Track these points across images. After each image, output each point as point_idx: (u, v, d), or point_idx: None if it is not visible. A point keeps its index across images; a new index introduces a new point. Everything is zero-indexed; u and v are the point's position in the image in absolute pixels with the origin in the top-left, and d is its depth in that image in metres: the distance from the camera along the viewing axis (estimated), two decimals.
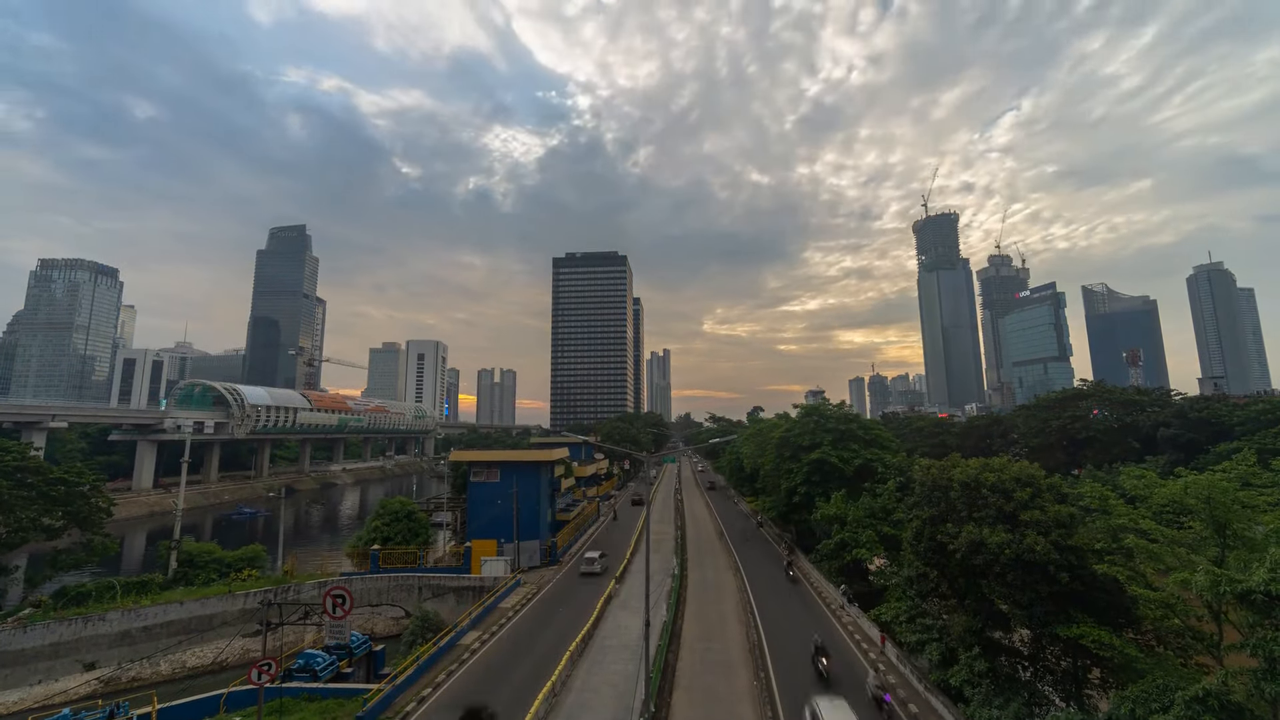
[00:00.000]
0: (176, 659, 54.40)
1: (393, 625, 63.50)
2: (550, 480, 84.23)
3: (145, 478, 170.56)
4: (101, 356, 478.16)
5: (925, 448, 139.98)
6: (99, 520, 71.00)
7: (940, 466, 41.56)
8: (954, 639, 37.18)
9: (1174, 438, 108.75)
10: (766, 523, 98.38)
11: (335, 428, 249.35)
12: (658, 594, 53.34)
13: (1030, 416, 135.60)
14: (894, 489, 61.45)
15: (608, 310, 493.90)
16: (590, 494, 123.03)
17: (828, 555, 60.81)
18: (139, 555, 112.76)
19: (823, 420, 79.68)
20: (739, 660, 43.74)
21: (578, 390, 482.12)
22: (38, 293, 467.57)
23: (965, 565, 35.15)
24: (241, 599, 59.29)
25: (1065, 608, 32.08)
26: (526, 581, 66.20)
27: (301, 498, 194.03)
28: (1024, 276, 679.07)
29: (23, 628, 50.58)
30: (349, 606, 39.97)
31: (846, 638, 48.41)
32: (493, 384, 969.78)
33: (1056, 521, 33.13)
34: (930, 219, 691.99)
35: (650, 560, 41.91)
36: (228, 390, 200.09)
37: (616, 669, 41.65)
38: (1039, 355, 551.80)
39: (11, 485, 66.09)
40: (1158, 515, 33.88)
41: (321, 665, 42.57)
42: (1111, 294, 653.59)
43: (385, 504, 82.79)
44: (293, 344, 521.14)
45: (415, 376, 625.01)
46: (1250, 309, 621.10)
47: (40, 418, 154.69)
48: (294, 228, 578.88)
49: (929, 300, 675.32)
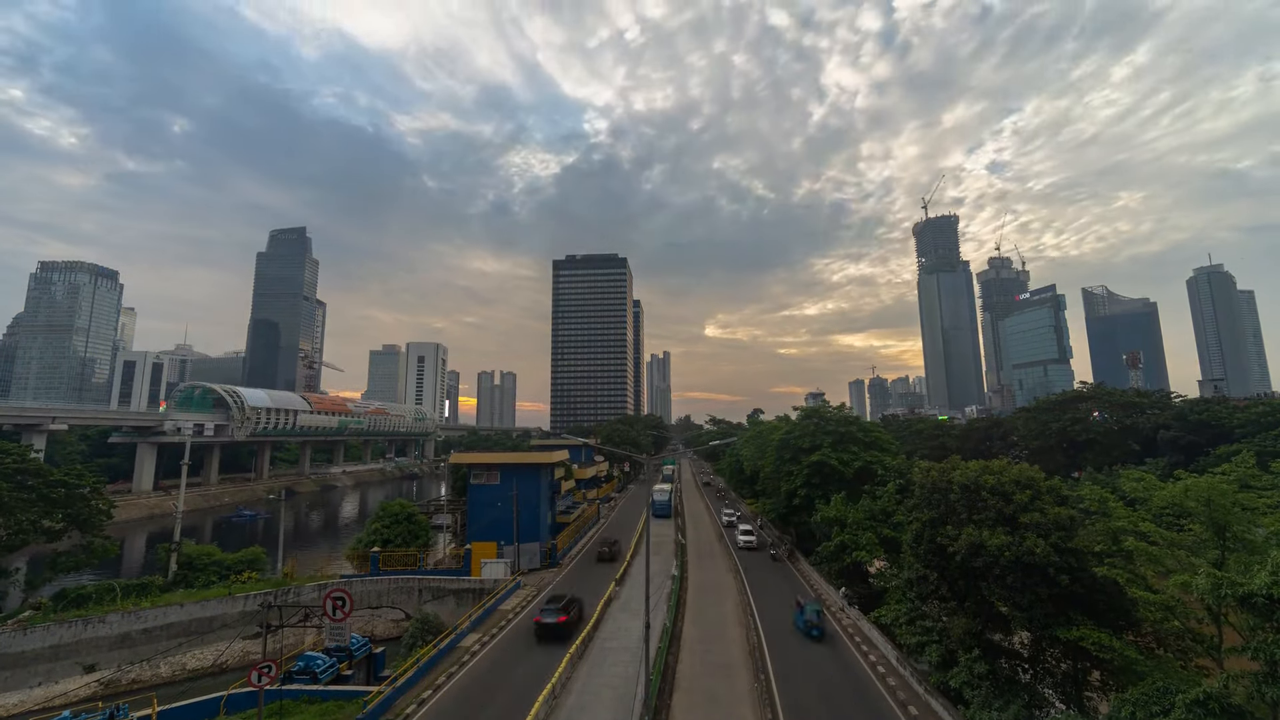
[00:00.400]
0: (176, 661, 54.37)
1: (393, 627, 63.44)
2: (550, 483, 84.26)
3: (145, 480, 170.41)
4: (101, 359, 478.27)
5: (925, 450, 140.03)
6: (99, 522, 71.03)
7: (940, 469, 41.61)
8: (954, 641, 37.19)
9: (1174, 440, 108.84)
10: (766, 524, 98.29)
11: (335, 430, 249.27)
12: (658, 596, 53.33)
13: (1030, 419, 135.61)
14: (894, 491, 61.46)
15: (608, 312, 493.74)
16: (590, 496, 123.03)
17: (828, 557, 60.83)
18: (139, 557, 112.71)
19: (823, 423, 79.76)
20: (739, 662, 43.72)
21: (578, 392, 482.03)
22: (37, 295, 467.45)
23: (965, 567, 35.19)
24: (241, 601, 59.21)
25: (1065, 610, 32.11)
26: (527, 584, 66.17)
27: (301, 500, 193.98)
28: (1024, 279, 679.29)
29: (23, 630, 50.54)
30: (349, 609, 39.99)
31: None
32: (493, 386, 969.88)
33: (1056, 524, 33.19)
34: (930, 221, 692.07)
35: (650, 562, 41.91)
36: (228, 392, 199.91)
37: (617, 671, 41.62)
38: (1039, 358, 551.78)
39: (12, 487, 66.11)
40: (1157, 518, 33.93)
41: (322, 667, 42.58)
42: (1112, 296, 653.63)
43: (385, 506, 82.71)
44: (293, 346, 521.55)
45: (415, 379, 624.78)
46: (1250, 311, 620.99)
47: (40, 420, 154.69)
48: (294, 230, 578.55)
49: (929, 303, 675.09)
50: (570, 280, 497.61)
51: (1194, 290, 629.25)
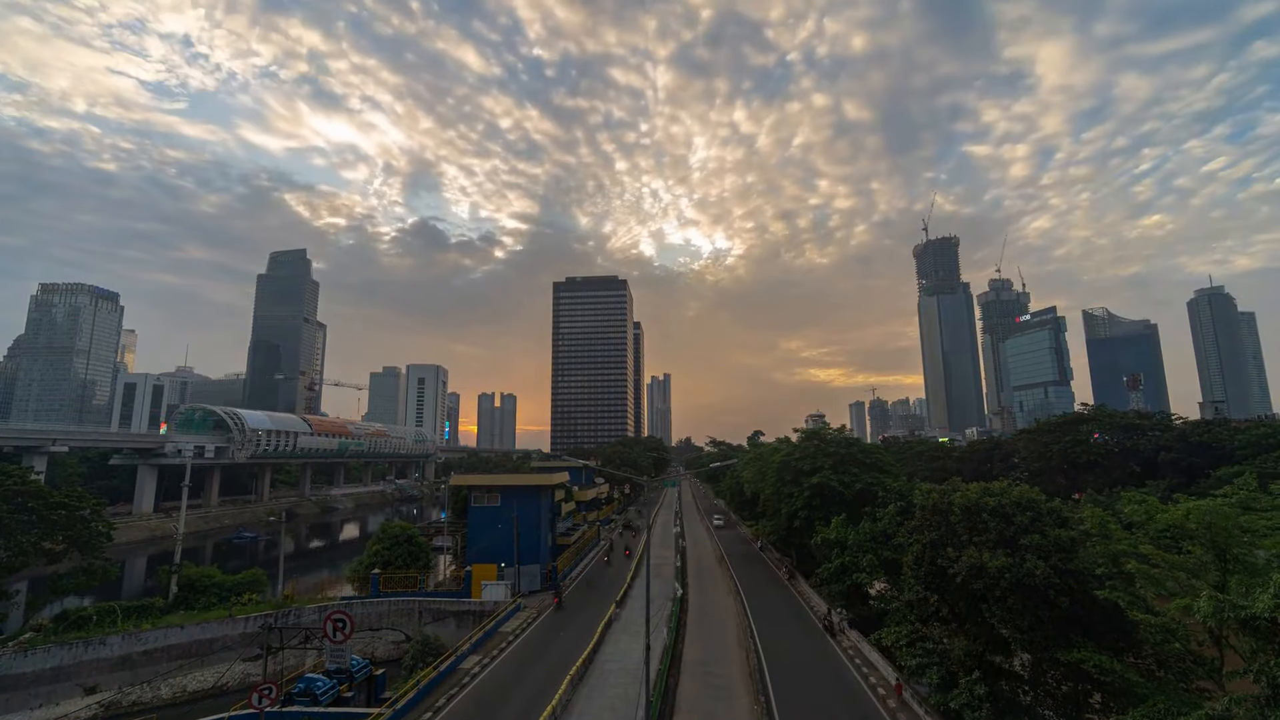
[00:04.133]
0: (177, 683, 54.22)
1: (393, 649, 63.33)
2: (551, 505, 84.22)
3: (146, 502, 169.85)
4: (102, 381, 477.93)
5: (926, 472, 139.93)
6: (99, 544, 70.80)
7: (941, 491, 41.81)
8: (954, 663, 37.21)
9: (1175, 461, 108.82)
10: (767, 546, 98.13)
11: (336, 452, 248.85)
12: (658, 618, 53.24)
13: (1031, 440, 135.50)
14: (894, 513, 61.36)
15: (608, 334, 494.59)
16: (590, 518, 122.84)
17: (828, 579, 60.71)
18: (140, 579, 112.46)
19: (823, 445, 79.74)
20: (740, 684, 43.68)
21: (578, 414, 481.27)
22: (38, 317, 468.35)
23: (966, 589, 35.27)
24: (242, 623, 59.12)
25: (1066, 632, 32.16)
26: (527, 606, 66.02)
27: (302, 522, 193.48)
28: (1024, 300, 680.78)
29: (23, 652, 50.49)
30: (349, 630, 40.14)
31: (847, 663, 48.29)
32: (493, 408, 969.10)
33: (1057, 546, 33.34)
34: (931, 243, 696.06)
35: (650, 584, 41.97)
36: (228, 414, 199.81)
37: (617, 693, 41.57)
38: (1039, 379, 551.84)
39: (12, 509, 66.10)
40: (1158, 540, 34.09)
41: (322, 689, 42.43)
42: (1112, 318, 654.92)
43: (386, 528, 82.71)
44: (293, 369, 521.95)
45: (416, 400, 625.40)
46: (1251, 332, 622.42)
47: (41, 442, 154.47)
48: (295, 252, 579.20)
49: (929, 324, 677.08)
50: (570, 302, 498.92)
51: (1194, 312, 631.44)
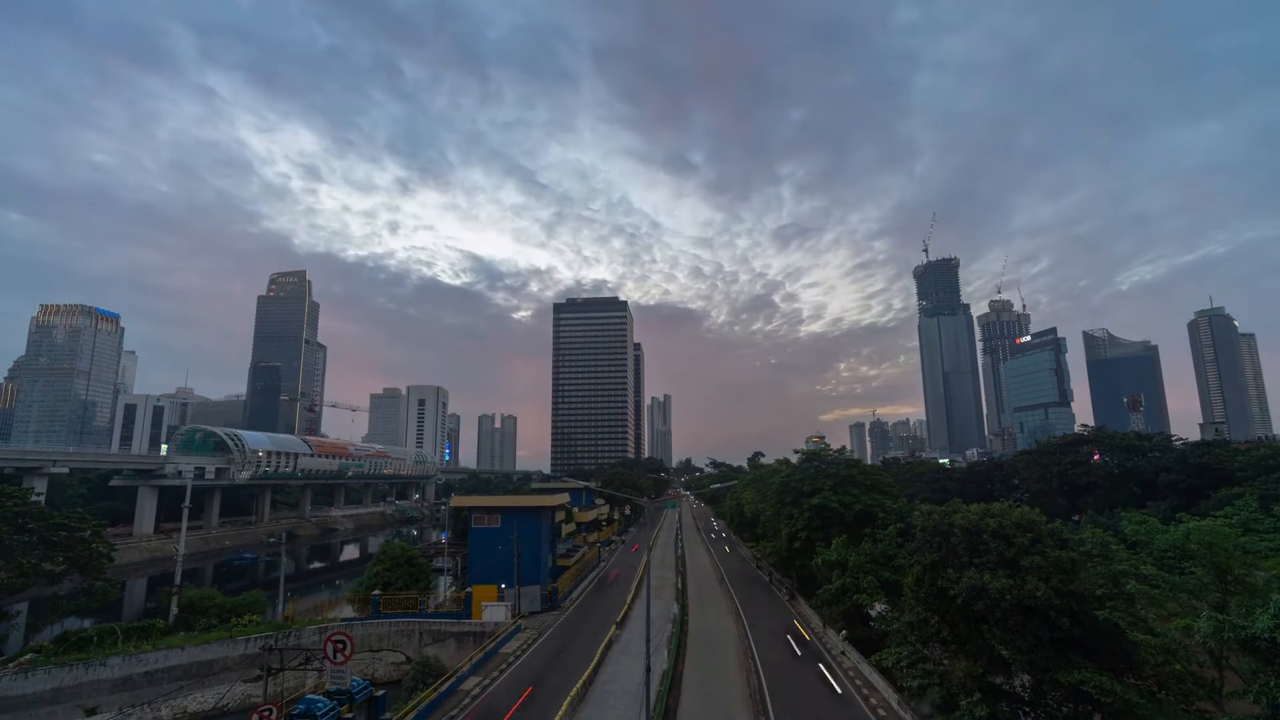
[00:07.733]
0: (178, 704, 53.94)
1: (393, 670, 62.94)
2: (551, 526, 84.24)
3: (146, 523, 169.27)
4: (103, 402, 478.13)
5: (926, 493, 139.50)
6: (100, 566, 70.81)
7: (941, 512, 41.93)
8: (955, 684, 37.14)
9: (1175, 483, 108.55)
10: (767, 567, 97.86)
11: (336, 473, 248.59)
12: (658, 639, 53.14)
13: (1031, 462, 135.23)
14: (895, 534, 61.46)
15: (608, 355, 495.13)
16: (591, 539, 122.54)
17: (828, 601, 60.65)
18: (140, 600, 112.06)
19: (823, 466, 79.95)
20: (740, 705, 43.54)
21: (578, 435, 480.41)
22: (38, 338, 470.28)
23: (966, 610, 35.36)
24: (243, 644, 58.93)
25: (1066, 653, 32.25)
26: (527, 627, 65.89)
27: (302, 543, 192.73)
28: (1025, 321, 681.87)
29: (24, 673, 50.32)
30: (350, 652, 40.17)
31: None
32: (494, 429, 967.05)
33: (1057, 567, 33.50)
34: (931, 264, 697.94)
35: (650, 605, 42.03)
36: (229, 436, 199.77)
37: (617, 715, 41.52)
38: (1040, 400, 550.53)
39: (13, 531, 66.21)
40: (1159, 561, 34.22)
41: (322, 711, 42.31)
42: (1112, 339, 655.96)
43: (386, 549, 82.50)
44: (293, 390, 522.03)
45: (416, 422, 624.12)
46: (1251, 353, 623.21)
47: (41, 463, 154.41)
48: (295, 273, 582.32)
49: (929, 345, 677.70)
50: (571, 323, 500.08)
51: (1194, 333, 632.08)
